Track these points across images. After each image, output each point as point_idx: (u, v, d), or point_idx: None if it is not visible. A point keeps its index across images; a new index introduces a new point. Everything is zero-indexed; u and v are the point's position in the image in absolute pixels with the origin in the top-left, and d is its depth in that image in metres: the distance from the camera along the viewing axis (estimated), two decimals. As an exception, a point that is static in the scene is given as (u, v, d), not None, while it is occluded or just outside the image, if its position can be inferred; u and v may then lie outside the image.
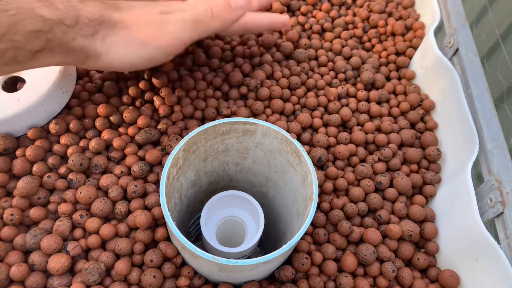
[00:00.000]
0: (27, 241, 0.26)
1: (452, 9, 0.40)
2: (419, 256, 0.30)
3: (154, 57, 0.28)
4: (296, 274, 0.28)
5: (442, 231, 0.32)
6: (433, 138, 0.36)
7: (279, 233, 0.35)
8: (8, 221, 0.27)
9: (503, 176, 0.29)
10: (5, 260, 0.26)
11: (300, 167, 0.27)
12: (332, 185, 0.33)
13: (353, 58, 0.42)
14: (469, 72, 0.35)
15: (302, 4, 0.47)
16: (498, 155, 0.30)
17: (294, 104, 0.38)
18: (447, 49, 0.39)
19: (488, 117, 0.32)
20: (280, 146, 0.28)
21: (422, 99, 0.39)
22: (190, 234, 0.36)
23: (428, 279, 0.30)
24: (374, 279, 0.30)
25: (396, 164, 0.35)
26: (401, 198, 0.33)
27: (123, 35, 0.27)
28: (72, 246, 0.26)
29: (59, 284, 0.26)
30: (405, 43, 0.43)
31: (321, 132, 0.36)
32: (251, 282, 0.27)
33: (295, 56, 0.40)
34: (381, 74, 0.41)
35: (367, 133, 0.37)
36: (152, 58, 0.28)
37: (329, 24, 0.45)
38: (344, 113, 0.37)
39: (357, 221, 0.32)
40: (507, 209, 0.27)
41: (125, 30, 0.27)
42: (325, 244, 0.30)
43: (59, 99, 0.33)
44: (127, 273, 0.26)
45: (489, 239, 0.26)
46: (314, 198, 0.24)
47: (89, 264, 0.25)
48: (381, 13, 0.46)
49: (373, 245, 0.29)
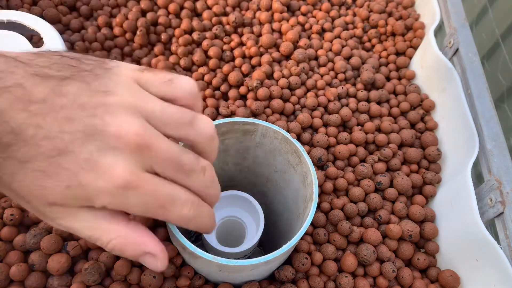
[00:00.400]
0: (27, 241, 0.26)
1: (452, 9, 0.40)
2: (419, 256, 0.30)
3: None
4: (296, 274, 0.28)
5: (442, 231, 0.32)
6: (433, 138, 0.36)
7: (279, 233, 0.35)
8: (8, 221, 0.27)
9: (503, 176, 0.29)
10: (5, 260, 0.26)
11: (300, 167, 0.27)
12: (332, 185, 0.33)
13: (353, 58, 0.42)
14: (469, 72, 0.35)
15: (302, 4, 0.47)
16: (498, 155, 0.30)
17: (294, 104, 0.38)
18: (447, 49, 0.39)
19: (488, 117, 0.32)
20: (280, 146, 0.28)
21: (422, 99, 0.39)
22: (190, 235, 0.36)
23: (428, 279, 0.30)
24: (374, 279, 0.30)
25: (396, 164, 0.35)
26: (401, 198, 0.33)
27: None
28: (72, 246, 0.26)
29: (59, 284, 0.26)
30: (405, 43, 0.43)
31: (321, 132, 0.36)
32: (251, 282, 0.27)
33: (295, 56, 0.40)
34: (381, 74, 0.41)
35: (367, 133, 0.37)
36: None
37: (329, 24, 0.45)
38: (344, 113, 0.37)
39: (357, 221, 0.32)
40: (507, 209, 0.27)
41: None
42: (325, 244, 0.30)
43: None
44: (127, 273, 0.26)
45: (489, 239, 0.26)
46: (314, 198, 0.24)
47: (89, 264, 0.25)
48: (381, 13, 0.46)
49: (373, 245, 0.29)
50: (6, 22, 0.35)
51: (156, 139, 0.18)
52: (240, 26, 0.43)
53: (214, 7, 0.44)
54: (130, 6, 0.43)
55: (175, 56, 0.39)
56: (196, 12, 0.44)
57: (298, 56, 0.40)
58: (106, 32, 0.40)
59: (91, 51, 0.39)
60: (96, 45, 0.39)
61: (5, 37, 0.34)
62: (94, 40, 0.39)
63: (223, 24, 0.43)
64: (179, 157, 0.18)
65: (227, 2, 0.45)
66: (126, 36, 0.40)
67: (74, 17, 0.41)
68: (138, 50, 0.40)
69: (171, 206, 0.18)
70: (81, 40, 0.39)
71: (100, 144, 0.17)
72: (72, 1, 0.42)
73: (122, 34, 0.40)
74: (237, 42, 0.41)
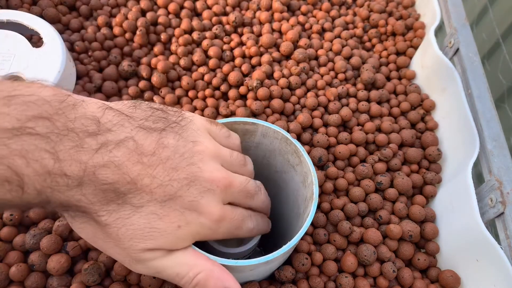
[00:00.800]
0: (27, 241, 0.26)
1: (452, 9, 0.40)
2: (419, 256, 0.30)
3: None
4: (296, 275, 0.28)
5: (442, 231, 0.32)
6: (434, 138, 0.36)
7: (279, 233, 0.35)
8: (8, 221, 0.27)
9: (504, 176, 0.29)
10: (4, 260, 0.26)
11: (300, 167, 0.27)
12: (332, 185, 0.33)
13: (353, 58, 0.42)
14: (469, 72, 0.35)
15: (302, 3, 0.47)
16: (498, 155, 0.30)
17: (294, 104, 0.38)
18: (448, 49, 0.39)
19: (488, 117, 0.32)
20: (280, 146, 0.28)
21: (423, 99, 0.39)
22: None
23: (429, 279, 0.30)
24: (375, 279, 0.30)
25: (397, 164, 0.35)
26: (402, 198, 0.33)
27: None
28: (71, 246, 0.26)
29: (59, 284, 0.26)
30: (405, 43, 0.43)
31: (321, 132, 0.36)
32: (251, 282, 0.27)
33: (295, 56, 0.40)
34: (381, 74, 0.41)
35: (367, 133, 0.36)
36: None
37: (329, 24, 0.45)
38: (344, 113, 0.37)
39: (358, 221, 0.32)
40: (508, 209, 0.27)
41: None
42: (325, 244, 0.30)
43: (58, 99, 0.33)
44: (127, 274, 0.26)
45: (490, 239, 0.26)
46: (314, 198, 0.24)
47: (89, 264, 0.25)
48: (381, 12, 0.46)
49: (374, 245, 0.29)
50: (6, 22, 0.34)
51: (234, 178, 0.22)
52: (240, 26, 0.43)
53: (214, 6, 0.44)
54: (130, 5, 0.42)
55: (175, 56, 0.39)
56: (196, 12, 0.44)
57: (298, 56, 0.40)
58: (105, 32, 0.40)
59: (91, 51, 0.39)
60: (95, 45, 0.39)
61: (5, 37, 0.34)
62: (94, 40, 0.39)
63: (223, 24, 0.43)
64: (246, 187, 0.23)
65: (227, 2, 0.45)
66: (125, 36, 0.40)
67: (73, 16, 0.41)
68: (137, 50, 0.40)
69: (242, 225, 0.23)
70: (80, 40, 0.39)
71: (200, 188, 0.20)
72: (72, 1, 0.42)
73: (122, 34, 0.40)
74: (237, 42, 0.41)
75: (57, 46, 0.34)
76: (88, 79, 0.37)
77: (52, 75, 0.32)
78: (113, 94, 0.37)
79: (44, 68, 0.32)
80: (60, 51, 0.34)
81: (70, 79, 0.35)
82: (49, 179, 0.16)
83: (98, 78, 0.37)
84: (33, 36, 0.37)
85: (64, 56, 0.34)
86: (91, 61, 0.39)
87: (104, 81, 0.37)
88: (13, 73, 0.32)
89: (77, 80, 0.37)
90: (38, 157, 0.16)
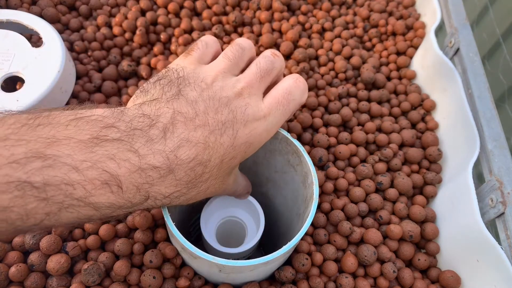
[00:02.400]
0: (26, 242, 0.26)
1: (452, 9, 0.40)
2: (419, 257, 0.30)
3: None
4: (296, 275, 0.28)
5: (442, 232, 0.32)
6: (434, 138, 0.36)
7: (279, 233, 0.35)
8: (7, 222, 0.27)
9: (504, 176, 0.29)
10: (4, 261, 0.26)
11: (301, 167, 0.27)
12: (332, 186, 0.33)
13: (354, 58, 0.42)
14: (470, 71, 0.35)
15: (302, 3, 0.47)
16: (499, 155, 0.30)
17: (294, 104, 0.38)
18: (448, 49, 0.39)
19: (489, 117, 0.32)
20: (280, 146, 0.28)
21: (423, 99, 0.39)
22: (190, 235, 0.36)
23: (429, 279, 0.30)
24: (375, 279, 0.29)
25: (397, 164, 0.35)
26: (402, 198, 0.33)
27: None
28: (71, 246, 0.26)
29: (59, 284, 0.25)
30: (405, 42, 0.43)
31: (321, 132, 0.36)
32: (251, 282, 0.27)
33: (296, 55, 0.40)
34: (382, 73, 0.41)
35: (368, 133, 0.36)
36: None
37: (330, 24, 0.45)
38: (344, 113, 0.37)
39: (358, 221, 0.32)
40: (508, 209, 0.27)
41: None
42: (325, 244, 0.30)
43: (58, 99, 0.33)
44: (127, 274, 0.26)
45: (490, 239, 0.26)
46: (314, 199, 0.24)
47: (89, 265, 0.25)
48: (381, 12, 0.46)
49: (374, 246, 0.29)
50: (5, 21, 0.34)
51: (249, 77, 0.24)
52: (240, 25, 0.43)
53: (214, 6, 0.43)
54: (130, 5, 0.42)
55: (175, 55, 0.39)
56: (195, 11, 0.44)
57: (299, 55, 0.40)
58: (105, 32, 0.40)
59: (91, 51, 0.39)
60: (95, 44, 0.39)
61: (4, 37, 0.34)
62: (93, 40, 0.39)
63: (223, 23, 0.43)
64: (262, 70, 0.24)
65: (227, 2, 0.44)
66: (125, 35, 0.40)
67: (73, 16, 0.41)
68: (137, 49, 0.40)
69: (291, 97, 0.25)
70: (80, 40, 0.39)
71: (242, 105, 0.22)
72: (72, 1, 0.42)
73: (122, 33, 0.40)
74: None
75: (56, 46, 0.34)
76: (87, 79, 0.37)
77: (51, 74, 0.32)
78: (112, 94, 0.37)
79: (43, 68, 0.32)
80: (59, 51, 0.34)
81: (69, 79, 0.34)
82: (144, 174, 0.18)
83: (98, 78, 0.37)
84: (33, 36, 0.37)
85: (63, 56, 0.33)
86: (90, 61, 0.38)
87: (104, 81, 0.37)
88: (13, 73, 0.32)
89: (77, 80, 0.37)
90: (124, 157, 0.18)
